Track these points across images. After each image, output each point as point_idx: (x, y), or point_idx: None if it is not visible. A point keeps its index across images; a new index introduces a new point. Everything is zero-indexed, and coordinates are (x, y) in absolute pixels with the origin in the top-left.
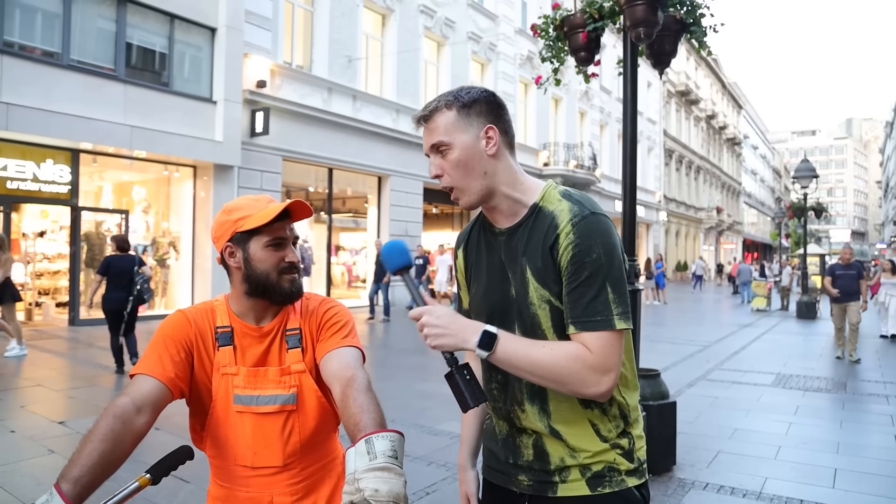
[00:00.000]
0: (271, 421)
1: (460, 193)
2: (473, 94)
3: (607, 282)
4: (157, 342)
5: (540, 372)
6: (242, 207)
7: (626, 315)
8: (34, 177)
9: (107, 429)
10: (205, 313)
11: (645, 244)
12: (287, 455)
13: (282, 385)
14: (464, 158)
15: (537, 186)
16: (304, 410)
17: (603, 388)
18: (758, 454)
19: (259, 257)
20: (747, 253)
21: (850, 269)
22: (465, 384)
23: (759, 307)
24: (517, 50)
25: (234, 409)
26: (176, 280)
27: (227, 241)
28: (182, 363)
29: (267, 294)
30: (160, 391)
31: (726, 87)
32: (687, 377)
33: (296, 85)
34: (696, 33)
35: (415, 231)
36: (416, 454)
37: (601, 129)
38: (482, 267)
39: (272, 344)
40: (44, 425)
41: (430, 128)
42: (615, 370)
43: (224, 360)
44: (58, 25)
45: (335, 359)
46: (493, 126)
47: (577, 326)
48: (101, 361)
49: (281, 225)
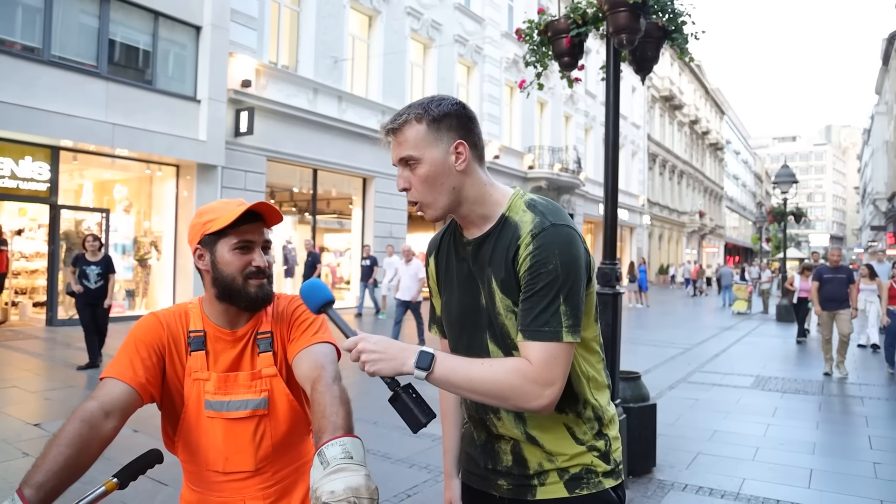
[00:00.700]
0: (242, 426)
1: (426, 208)
2: (444, 107)
3: (561, 294)
4: (128, 345)
5: (480, 389)
6: (213, 210)
7: (576, 329)
8: (12, 174)
9: (73, 433)
10: (178, 316)
11: (628, 248)
12: (259, 460)
13: (252, 389)
14: (433, 174)
15: (505, 196)
16: (275, 415)
17: (544, 402)
18: (736, 455)
19: (226, 260)
20: (729, 256)
21: (840, 272)
22: (413, 403)
23: (739, 310)
24: (503, 53)
25: (205, 415)
26: (157, 280)
27: (198, 243)
28: (153, 367)
29: (233, 299)
30: (129, 396)
31: (709, 93)
32: (668, 379)
33: (281, 85)
34: (678, 40)
35: (399, 233)
36: (398, 456)
37: (586, 132)
38: (452, 276)
39: (245, 348)
40: (18, 427)
41: (398, 140)
42: (558, 383)
43: (196, 365)
44: (39, 20)
45: (305, 358)
46: (463, 141)
47: (524, 335)
48: (78, 362)
49: (250, 228)
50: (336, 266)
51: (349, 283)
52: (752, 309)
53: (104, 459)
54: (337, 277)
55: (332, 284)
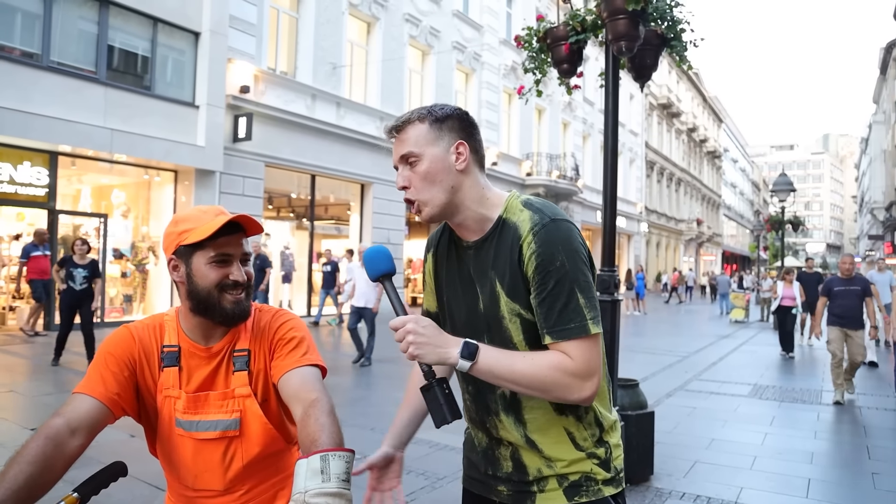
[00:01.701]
0: (211, 447)
1: (423, 206)
2: (447, 110)
3: (575, 287)
4: (98, 359)
5: (523, 382)
6: (189, 219)
7: (598, 319)
8: (10, 179)
9: (37, 451)
10: (152, 329)
11: (626, 255)
12: (228, 480)
13: (224, 409)
14: (432, 171)
15: (501, 199)
16: (247, 436)
17: (587, 393)
18: (734, 464)
19: (201, 273)
20: (726, 265)
21: (853, 284)
22: (444, 398)
23: (737, 318)
24: (501, 60)
25: (175, 432)
26: (154, 285)
27: (172, 253)
28: (125, 381)
29: (208, 313)
30: (98, 412)
31: (707, 101)
32: (665, 387)
33: (279, 91)
34: (677, 48)
35: (397, 239)
36: None
37: (584, 139)
38: (452, 279)
39: (220, 366)
40: (14, 432)
41: (401, 139)
42: (597, 373)
43: (168, 381)
44: (38, 26)
45: (295, 379)
46: (464, 142)
47: (553, 336)
48: (75, 367)
49: (228, 240)
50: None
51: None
52: (750, 317)
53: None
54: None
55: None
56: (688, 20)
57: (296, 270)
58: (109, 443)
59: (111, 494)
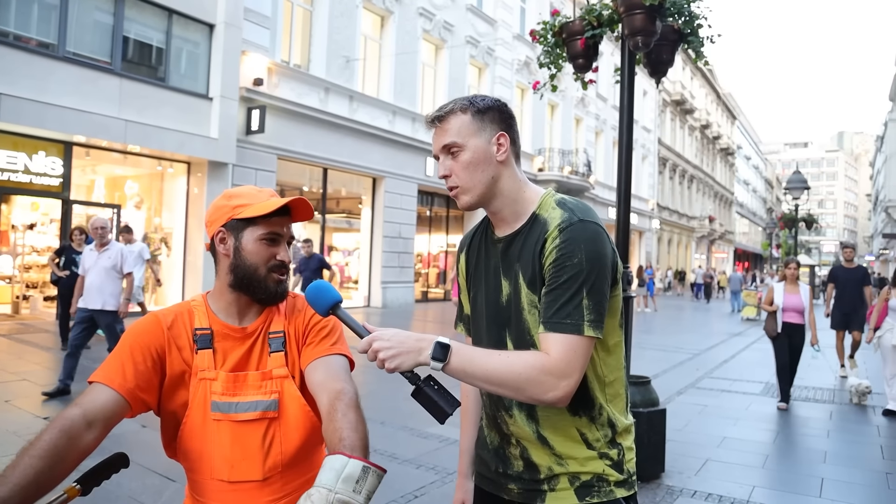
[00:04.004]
0: (251, 429)
1: (463, 193)
2: (488, 101)
3: (584, 287)
4: (122, 348)
5: (496, 380)
6: (244, 195)
7: (598, 324)
8: (25, 168)
9: (49, 444)
10: (180, 316)
11: (637, 251)
12: (268, 468)
13: (262, 391)
14: (474, 161)
15: (537, 195)
16: (285, 419)
17: (560, 394)
18: (746, 462)
19: (251, 249)
20: (738, 262)
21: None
22: (436, 394)
23: (748, 316)
24: (515, 55)
25: (211, 418)
26: (167, 276)
27: (221, 225)
28: (147, 372)
29: (251, 289)
30: (116, 404)
31: (721, 98)
32: (677, 385)
33: (293, 84)
34: (694, 43)
35: (408, 233)
36: (405, 457)
37: (596, 136)
38: (480, 274)
39: (254, 346)
40: (28, 420)
41: (443, 128)
42: (575, 376)
43: (203, 363)
44: (54, 16)
45: (322, 368)
46: (505, 133)
47: (546, 326)
48: (87, 356)
49: (279, 220)
50: (345, 265)
51: (357, 282)
52: (762, 315)
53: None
54: (345, 277)
55: (341, 284)
56: (705, 16)
57: None
58: (121, 432)
59: (121, 484)
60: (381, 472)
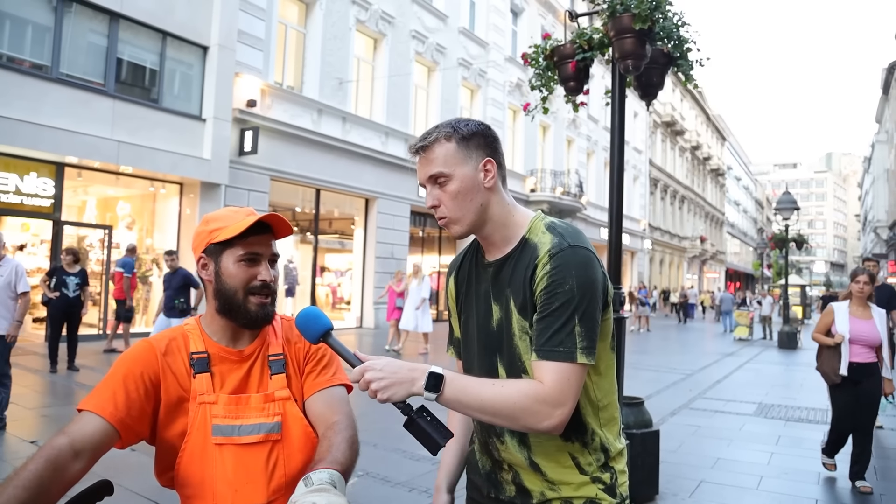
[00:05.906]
0: (255, 452)
1: (453, 224)
2: (472, 126)
3: (576, 314)
4: (114, 375)
5: (490, 409)
6: (220, 218)
7: (591, 351)
8: (17, 189)
9: (34, 475)
10: (175, 340)
11: (629, 272)
12: (272, 491)
13: (265, 413)
14: (462, 190)
15: (526, 218)
16: (289, 441)
17: (555, 422)
18: (740, 484)
19: (231, 272)
20: (730, 282)
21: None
22: (429, 426)
23: (740, 336)
24: (507, 77)
25: (212, 442)
26: (158, 297)
27: (202, 251)
28: (140, 400)
29: (232, 314)
30: (105, 434)
31: (711, 119)
32: (670, 405)
33: (286, 105)
34: (683, 67)
35: (401, 254)
36: (397, 480)
37: (588, 156)
38: (471, 299)
39: (252, 368)
40: (15, 444)
41: (428, 158)
42: (569, 404)
43: (201, 387)
44: (48, 38)
45: (322, 400)
46: (491, 159)
47: (538, 354)
48: (76, 379)
49: (258, 239)
50: (337, 286)
51: (349, 303)
52: (754, 335)
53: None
54: (337, 298)
55: (333, 305)
56: (694, 39)
57: (299, 284)
58: (108, 456)
59: None
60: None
